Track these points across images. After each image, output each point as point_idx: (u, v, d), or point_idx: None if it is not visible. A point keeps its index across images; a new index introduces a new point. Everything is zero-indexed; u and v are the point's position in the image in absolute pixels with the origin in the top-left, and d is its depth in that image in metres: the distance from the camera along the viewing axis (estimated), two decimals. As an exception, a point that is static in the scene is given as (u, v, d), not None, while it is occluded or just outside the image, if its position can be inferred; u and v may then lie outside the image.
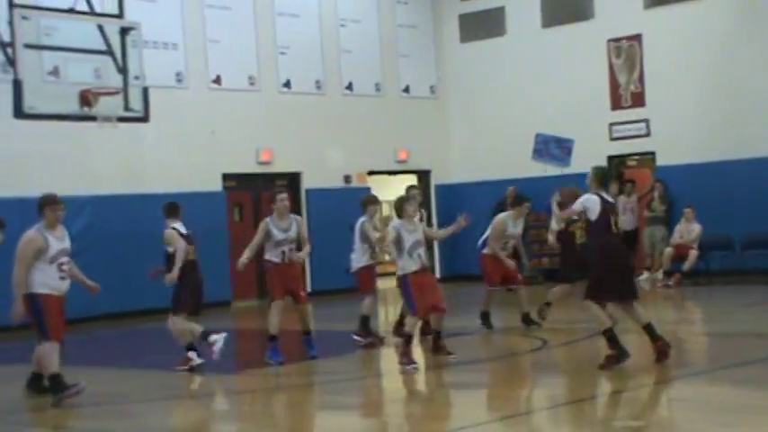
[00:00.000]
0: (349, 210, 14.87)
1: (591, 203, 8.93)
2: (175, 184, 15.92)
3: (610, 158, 18.02)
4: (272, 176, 17.85)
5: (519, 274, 11.88)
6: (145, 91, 12.86)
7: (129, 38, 12.84)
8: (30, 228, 8.60)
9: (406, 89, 19.65)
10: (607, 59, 17.96)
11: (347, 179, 18.56)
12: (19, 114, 11.88)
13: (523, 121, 18.63)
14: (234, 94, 17.18)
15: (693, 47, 17.02)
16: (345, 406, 8.28)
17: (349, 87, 18.77)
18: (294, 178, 18.07)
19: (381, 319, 13.27)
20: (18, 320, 8.40)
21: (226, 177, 17.16)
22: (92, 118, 12.49)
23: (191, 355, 9.89)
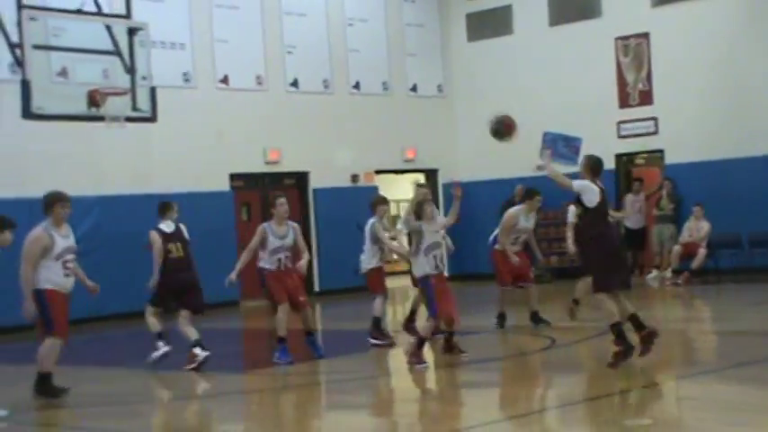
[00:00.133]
0: (356, 209, 14.89)
1: (589, 190, 8.84)
2: (183, 184, 15.95)
3: (618, 157, 18.00)
4: (280, 176, 17.86)
5: (531, 272, 11.83)
6: (152, 91, 12.86)
7: (137, 38, 12.85)
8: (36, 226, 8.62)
9: (414, 88, 19.65)
10: (615, 58, 17.92)
11: (355, 178, 18.56)
12: (27, 115, 11.90)
13: (530, 120, 18.53)
14: (241, 94, 17.19)
15: (701, 45, 16.98)
16: (354, 405, 8.27)
17: (356, 86, 18.77)
18: (301, 178, 18.08)
19: (390, 318, 13.24)
20: (31, 318, 8.42)
21: (233, 177, 17.18)
22: (100, 118, 12.49)
23: (195, 351, 9.89)
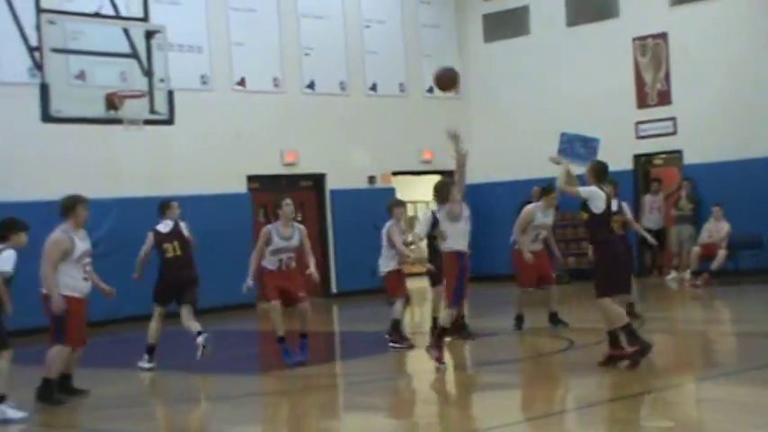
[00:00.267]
0: (374, 210, 14.89)
1: (597, 196, 8.92)
2: (200, 186, 16.00)
3: (636, 157, 17.92)
4: (297, 178, 17.88)
5: (552, 273, 11.75)
6: (170, 94, 12.90)
7: (155, 41, 12.88)
8: (55, 229, 8.66)
9: (430, 89, 19.57)
10: (632, 58, 17.84)
11: (371, 180, 18.55)
12: (46, 118, 11.96)
13: (548, 121, 18.52)
14: (258, 96, 17.22)
15: (720, 44, 16.88)
16: (372, 407, 8.26)
17: (373, 88, 18.77)
18: (318, 179, 18.09)
19: (408, 320, 13.21)
20: (59, 312, 8.44)
21: (250, 179, 17.21)
22: (118, 121, 12.54)
23: (198, 341, 10.00)
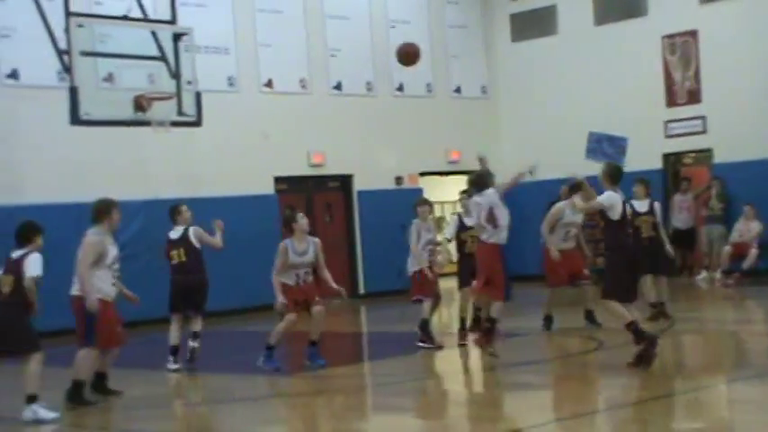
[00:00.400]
0: (401, 211, 14.84)
1: (615, 202, 8.93)
2: (228, 188, 16.06)
3: (665, 156, 17.77)
4: (324, 179, 17.89)
5: (585, 270, 11.66)
6: (197, 95, 12.95)
7: (182, 43, 12.93)
8: (88, 231, 8.71)
9: (458, 90, 19.57)
10: (661, 56, 17.70)
11: (399, 180, 18.53)
12: (75, 121, 12.04)
13: (576, 120, 18.40)
14: (285, 98, 17.25)
15: (750, 42, 16.70)
16: (401, 408, 8.24)
17: (400, 89, 18.75)
18: (346, 180, 18.09)
19: (435, 321, 13.19)
20: (94, 312, 8.49)
21: (278, 180, 17.24)
22: (146, 123, 12.60)
23: (191, 344, 10.39)
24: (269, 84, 17.19)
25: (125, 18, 12.88)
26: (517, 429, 7.22)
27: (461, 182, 18.94)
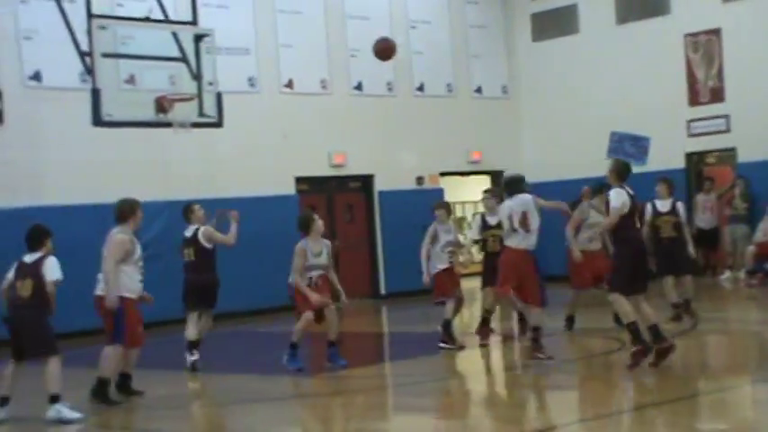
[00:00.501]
0: (422, 211, 14.81)
1: (623, 199, 8.88)
2: (249, 188, 16.08)
3: (688, 155, 17.64)
4: (345, 179, 17.89)
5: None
6: (218, 96, 12.96)
7: (203, 44, 12.95)
8: (113, 230, 8.75)
9: (478, 89, 19.51)
10: (684, 55, 17.58)
11: (420, 180, 18.50)
12: (97, 122, 12.08)
13: (598, 120, 18.30)
14: (306, 98, 17.27)
15: (774, 39, 16.55)
16: (422, 408, 8.22)
17: (420, 89, 18.72)
18: (367, 180, 18.09)
19: (457, 321, 13.17)
20: (113, 308, 8.52)
21: (299, 180, 17.26)
22: (167, 124, 12.63)
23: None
24: (289, 84, 17.21)
25: (146, 20, 12.90)
26: (540, 430, 7.18)
27: (482, 182, 19.07)
